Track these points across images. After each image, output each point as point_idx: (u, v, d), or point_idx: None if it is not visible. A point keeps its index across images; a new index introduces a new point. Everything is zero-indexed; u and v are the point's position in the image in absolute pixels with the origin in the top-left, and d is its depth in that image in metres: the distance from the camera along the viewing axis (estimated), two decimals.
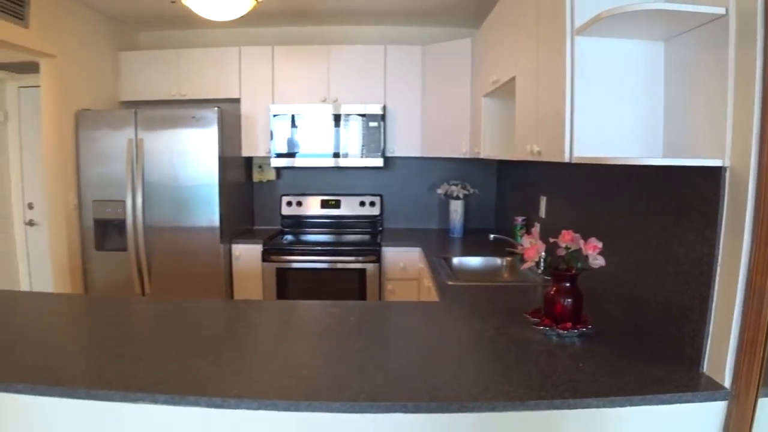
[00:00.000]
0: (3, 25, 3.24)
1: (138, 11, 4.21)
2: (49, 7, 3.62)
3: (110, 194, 3.95)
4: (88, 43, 4.09)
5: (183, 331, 1.99)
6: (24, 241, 4.76)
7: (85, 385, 1.47)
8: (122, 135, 3.88)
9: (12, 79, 4.61)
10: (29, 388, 1.46)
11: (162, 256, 3.94)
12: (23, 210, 4.73)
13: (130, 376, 1.51)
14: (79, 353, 1.81)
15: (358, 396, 1.40)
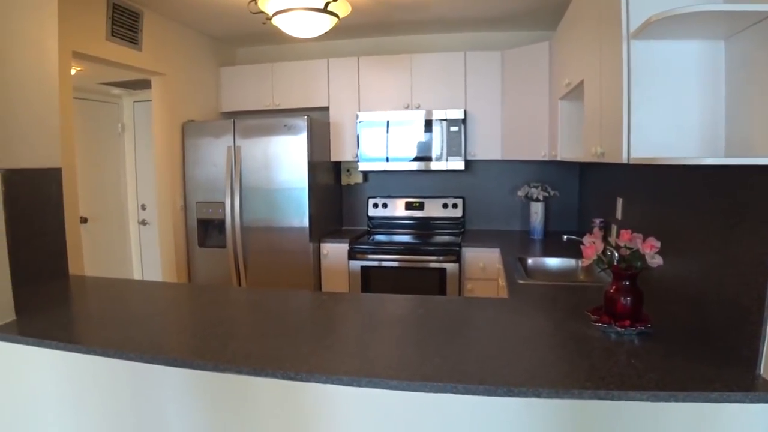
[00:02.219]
0: (122, 51, 3.76)
1: (236, 30, 4.67)
2: (159, 32, 4.14)
3: (212, 196, 4.40)
4: (192, 61, 4.61)
5: (270, 316, 2.28)
6: (137, 238, 5.36)
7: (183, 355, 1.77)
8: (222, 143, 4.33)
9: (128, 95, 5.22)
10: (138, 356, 1.78)
11: (257, 253, 4.34)
12: (137, 210, 5.33)
13: (220, 351, 1.80)
14: (180, 331, 2.16)
15: (414, 376, 1.54)
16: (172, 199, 4.41)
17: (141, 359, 1.78)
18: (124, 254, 5.33)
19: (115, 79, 4.71)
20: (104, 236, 5.06)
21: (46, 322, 2.15)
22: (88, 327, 2.19)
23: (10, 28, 2.51)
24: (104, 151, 5.15)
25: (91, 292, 2.75)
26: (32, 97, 2.66)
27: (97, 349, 1.85)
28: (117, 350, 1.82)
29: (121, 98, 5.27)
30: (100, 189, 5.03)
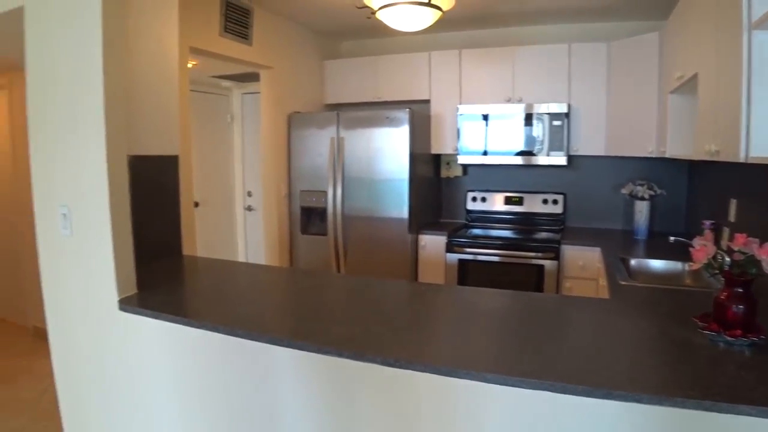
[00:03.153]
0: (234, 46, 3.99)
1: (340, 24, 4.82)
2: (268, 27, 4.35)
3: (315, 185, 4.59)
4: (298, 55, 4.80)
5: (370, 303, 2.37)
6: (243, 223, 5.65)
7: (288, 336, 1.89)
8: (326, 134, 4.49)
9: (237, 87, 5.50)
10: (246, 333, 1.92)
11: (357, 242, 4.49)
12: (243, 197, 5.61)
13: (323, 333, 1.90)
14: (284, 312, 2.31)
15: (512, 371, 1.55)
16: (277, 187, 4.63)
17: (249, 336, 1.92)
18: (230, 238, 5.64)
19: (225, 73, 4.98)
20: (213, 220, 5.37)
21: (163, 296, 2.37)
22: (200, 304, 2.40)
23: (137, 26, 2.75)
24: (215, 140, 5.45)
25: (202, 272, 2.96)
26: (155, 90, 2.90)
27: (208, 325, 2.02)
28: (227, 327, 1.97)
29: (231, 90, 5.56)
30: (210, 176, 5.33)
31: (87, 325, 2.50)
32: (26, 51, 2.52)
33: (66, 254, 2.50)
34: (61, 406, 2.74)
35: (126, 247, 2.33)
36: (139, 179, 2.70)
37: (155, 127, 2.92)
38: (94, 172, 2.27)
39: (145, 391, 2.38)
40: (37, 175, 2.57)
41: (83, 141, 2.30)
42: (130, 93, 2.55)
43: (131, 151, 2.48)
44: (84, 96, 2.27)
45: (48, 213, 2.54)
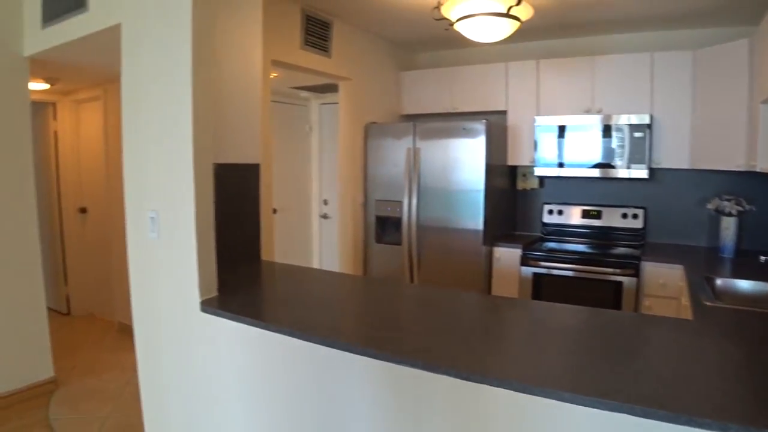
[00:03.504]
0: (314, 58, 4.13)
1: (417, 36, 4.88)
2: (346, 40, 4.47)
3: (390, 195, 4.66)
4: (376, 66, 4.91)
5: (443, 314, 2.37)
6: (318, 230, 5.79)
7: (362, 344, 1.93)
8: (403, 144, 4.56)
9: (315, 98, 5.65)
10: (320, 339, 1.98)
11: (430, 252, 4.53)
12: (319, 205, 5.75)
13: (396, 343, 1.93)
14: (359, 320, 2.37)
15: (589, 390, 1.51)
16: (353, 196, 4.72)
17: (323, 342, 1.98)
18: (306, 245, 5.79)
19: (304, 84, 5.13)
20: (290, 227, 5.53)
21: (242, 299, 2.49)
22: (276, 308, 2.49)
23: (224, 41, 2.90)
24: (293, 149, 5.61)
25: (279, 277, 3.07)
26: (240, 101, 3.06)
27: (284, 329, 2.09)
28: (302, 332, 2.04)
29: (310, 101, 5.72)
30: (288, 184, 5.49)
31: (170, 324, 2.65)
32: (122, 64, 2.71)
33: (153, 256, 2.67)
34: (142, 398, 2.91)
35: (209, 251, 2.46)
36: (223, 186, 2.84)
37: (239, 136, 3.07)
38: (181, 179, 2.41)
39: (221, 387, 2.48)
40: (129, 181, 2.77)
41: (172, 149, 2.45)
42: (216, 104, 2.69)
43: (216, 160, 2.60)
44: (173, 106, 2.42)
45: (138, 217, 2.72)
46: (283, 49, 3.84)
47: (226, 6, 2.89)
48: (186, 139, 2.36)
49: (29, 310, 3.79)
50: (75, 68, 4.25)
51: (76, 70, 4.32)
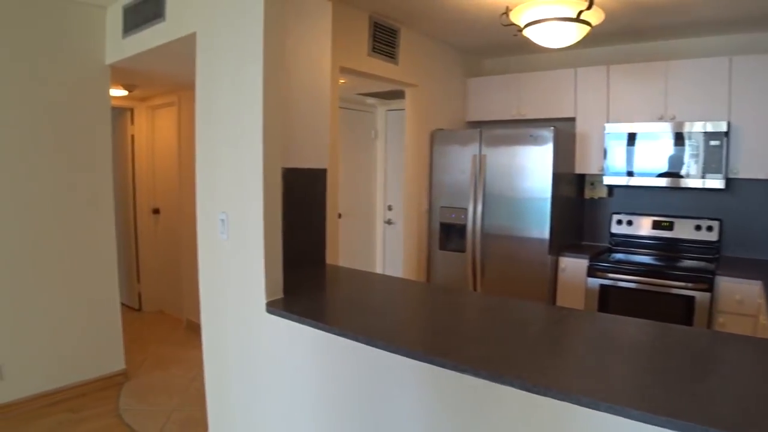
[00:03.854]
0: (381, 65, 4.18)
1: (484, 42, 4.86)
2: (413, 47, 4.49)
3: (455, 202, 4.65)
4: (442, 73, 4.91)
5: (506, 323, 2.35)
6: (382, 236, 5.83)
7: (423, 350, 1.92)
8: (468, 151, 4.54)
9: (381, 104, 5.71)
10: (384, 345, 1.98)
11: (495, 260, 4.49)
12: (384, 211, 5.79)
13: (459, 351, 1.92)
14: (421, 327, 2.36)
15: (660, 409, 1.44)
16: (418, 202, 4.74)
17: (386, 348, 1.98)
18: (370, 250, 5.84)
19: (371, 90, 5.18)
20: (354, 232, 5.60)
21: (306, 302, 2.53)
22: (339, 311, 2.52)
23: (294, 49, 2.98)
24: (359, 155, 5.69)
25: (343, 281, 3.11)
26: (308, 107, 3.13)
27: (348, 333, 2.11)
28: (366, 336, 2.05)
29: (376, 107, 5.78)
30: (353, 189, 5.57)
31: (236, 323, 2.74)
32: (196, 72, 2.84)
33: (222, 257, 2.76)
34: (207, 393, 3.02)
35: (276, 253, 2.53)
36: (291, 190, 2.96)
37: (308, 142, 3.15)
38: (251, 182, 2.49)
39: (283, 387, 2.53)
40: (200, 183, 2.88)
41: (243, 154, 2.53)
42: (285, 110, 2.77)
43: (285, 164, 2.69)
44: (245, 112, 2.51)
45: (208, 219, 2.83)
46: (351, 56, 3.89)
47: (296, 14, 2.97)
48: (256, 144, 2.44)
49: (105, 306, 4.02)
50: (151, 76, 4.46)
51: (153, 77, 4.53)
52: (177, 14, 3.09)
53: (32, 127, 3.55)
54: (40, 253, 3.65)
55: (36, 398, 3.63)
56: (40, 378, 3.67)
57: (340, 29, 3.65)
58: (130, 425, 3.44)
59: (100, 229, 3.96)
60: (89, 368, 3.93)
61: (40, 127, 3.59)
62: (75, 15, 3.71)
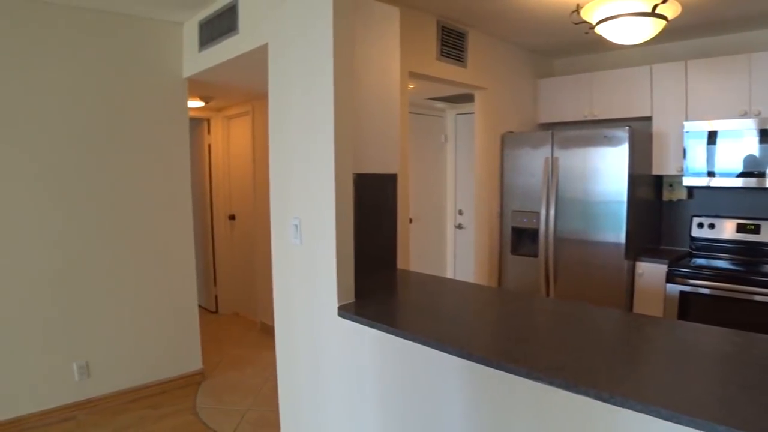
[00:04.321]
0: (450, 68, 4.17)
1: (554, 42, 4.78)
2: (482, 49, 4.46)
3: (527, 206, 4.59)
4: (512, 75, 4.86)
5: (580, 330, 2.27)
6: (453, 241, 5.81)
7: (498, 357, 1.88)
8: (540, 153, 4.47)
9: (451, 108, 5.69)
10: (455, 351, 1.97)
11: (568, 265, 4.40)
12: (454, 215, 5.77)
13: (533, 358, 1.87)
14: (492, 332, 2.31)
15: (747, 425, 1.38)
16: (489, 206, 4.70)
17: (457, 354, 1.96)
18: (440, 254, 5.83)
19: (440, 95, 5.18)
20: (425, 236, 5.60)
21: (376, 306, 2.55)
22: (409, 316, 2.50)
23: (364, 54, 3.01)
24: (429, 159, 5.69)
25: (413, 285, 3.10)
26: (378, 112, 3.15)
27: (418, 338, 2.11)
28: (436, 342, 2.04)
29: (445, 111, 5.77)
30: (424, 193, 5.58)
31: (307, 326, 2.80)
32: (269, 82, 2.94)
33: (295, 262, 2.84)
34: (280, 394, 3.10)
35: (347, 258, 2.57)
36: (363, 196, 3.01)
37: (378, 147, 3.18)
38: (323, 188, 2.55)
39: (351, 391, 2.56)
40: (274, 189, 2.97)
41: (315, 160, 2.59)
42: (356, 117, 2.80)
43: (356, 170, 2.73)
44: (316, 119, 2.57)
45: (282, 224, 2.91)
46: (420, 61, 3.91)
47: (365, 22, 3.01)
48: (328, 150, 2.49)
49: (184, 309, 4.22)
50: (227, 87, 4.62)
51: (228, 88, 4.69)
52: (250, 27, 3.20)
53: (116, 138, 3.79)
54: (126, 259, 3.89)
55: (119, 394, 3.88)
56: (124, 376, 3.92)
57: (409, 34, 3.69)
58: (206, 423, 3.58)
59: (180, 234, 4.16)
60: (169, 368, 4.15)
61: (123, 137, 3.82)
62: (154, 31, 3.92)
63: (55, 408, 3.60)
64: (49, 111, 3.50)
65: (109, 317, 3.82)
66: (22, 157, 3.42)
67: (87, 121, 3.65)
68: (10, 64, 3.34)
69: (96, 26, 3.64)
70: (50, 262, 3.56)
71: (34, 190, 3.48)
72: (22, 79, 3.38)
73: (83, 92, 3.62)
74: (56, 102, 3.52)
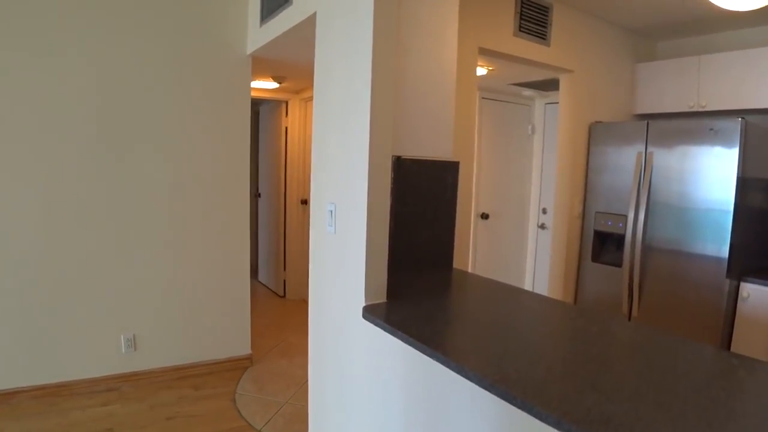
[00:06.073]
0: (529, 46, 3.57)
1: (657, 20, 4.01)
2: (568, 26, 3.80)
3: (613, 207, 3.88)
4: (604, 57, 4.13)
5: (652, 369, 1.66)
6: (534, 242, 5.17)
7: (526, 394, 1.38)
8: (632, 148, 3.76)
9: (540, 97, 5.04)
10: (477, 378, 1.48)
11: (656, 280, 3.65)
12: (538, 214, 5.13)
13: (574, 401, 1.35)
14: (543, 362, 1.66)
15: None
16: (570, 206, 4.05)
17: (480, 383, 1.47)
18: (519, 256, 5.21)
19: (524, 80, 4.55)
20: (502, 235, 5.02)
21: (410, 310, 2.11)
22: (444, 327, 1.97)
23: (415, 28, 2.55)
24: (512, 151, 5.08)
25: (465, 289, 2.58)
26: (431, 90, 2.66)
27: (439, 356, 1.64)
28: (459, 365, 1.56)
29: (533, 100, 5.12)
30: (504, 188, 4.99)
31: (336, 325, 2.50)
32: (315, 55, 2.60)
33: (329, 252, 2.51)
34: (309, 390, 2.85)
35: (379, 252, 2.19)
36: (411, 183, 2.66)
37: (425, 129, 2.71)
38: (356, 170, 2.19)
39: (374, 399, 2.24)
40: (314, 171, 2.65)
41: (350, 138, 2.24)
42: (402, 95, 2.41)
43: (401, 153, 2.39)
44: (353, 94, 2.21)
45: (319, 210, 2.60)
46: (494, 37, 3.38)
47: None
48: (362, 128, 2.13)
49: (235, 294, 4.05)
50: (294, 65, 4.32)
51: (295, 67, 4.38)
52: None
53: (176, 112, 3.65)
54: (180, 239, 3.77)
55: (165, 371, 3.80)
56: (170, 353, 3.82)
57: (481, 7, 3.24)
58: (240, 411, 3.38)
59: (236, 220, 3.98)
60: (217, 350, 3.99)
61: (183, 112, 3.68)
62: (218, 6, 3.73)
63: (100, 377, 3.57)
64: (110, 83, 3.42)
65: (158, 295, 3.73)
66: (79, 127, 3.36)
67: (146, 96, 3.54)
68: (78, 35, 3.30)
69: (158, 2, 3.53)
70: (106, 235, 3.51)
71: (94, 160, 3.43)
72: (84, 51, 3.32)
73: (146, 65, 3.52)
74: (119, 74, 3.44)
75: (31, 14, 3.16)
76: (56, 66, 3.25)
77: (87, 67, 3.33)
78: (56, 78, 3.26)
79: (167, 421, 3.20)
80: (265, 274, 6.35)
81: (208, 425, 3.18)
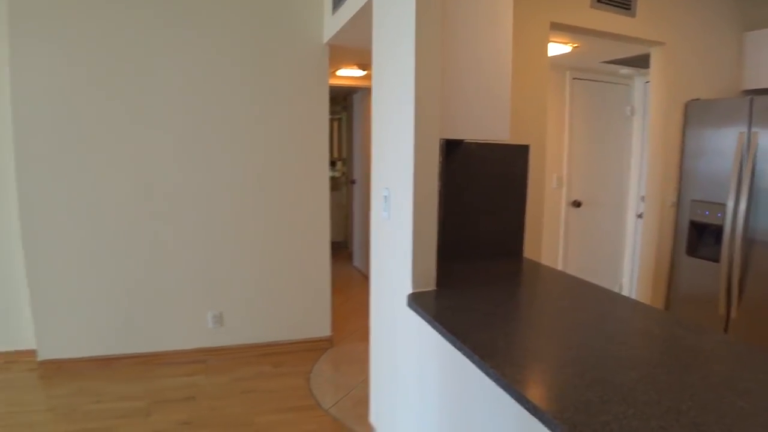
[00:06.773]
0: (610, 18, 3.22)
1: None
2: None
3: (711, 195, 3.44)
4: (702, 26, 3.62)
5: (724, 392, 1.24)
6: (633, 233, 4.74)
7: (558, 413, 1.13)
8: (733, 128, 3.30)
9: (639, 75, 4.59)
10: (505, 386, 1.31)
11: (759, 278, 3.18)
12: (637, 202, 4.69)
13: (607, 420, 1.09)
14: (586, 371, 1.36)
15: None
16: (663, 193, 3.64)
17: (509, 392, 1.29)
18: (615, 246, 4.79)
19: (617, 57, 4.13)
20: (596, 224, 4.64)
21: (456, 300, 2.02)
22: (489, 323, 1.73)
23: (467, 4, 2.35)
24: (610, 134, 4.67)
25: (533, 283, 2.39)
26: (486, 68, 2.39)
27: (474, 357, 1.48)
28: (492, 369, 1.37)
29: (632, 79, 4.66)
30: (600, 174, 4.60)
31: (388, 312, 2.49)
32: (372, 40, 2.57)
33: (384, 238, 2.50)
34: (371, 377, 2.86)
35: (427, 237, 2.13)
36: (469, 167, 2.58)
37: (479, 109, 2.50)
38: (405, 154, 2.14)
39: (415, 391, 2.21)
40: (374, 158, 2.62)
41: (400, 120, 2.19)
42: (450, 74, 2.26)
43: (454, 135, 2.25)
44: (400, 74, 2.16)
45: (377, 195, 2.58)
46: (568, 9, 3.09)
47: None
48: (408, 108, 2.07)
49: (316, 279, 4.13)
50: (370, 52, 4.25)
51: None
52: None
53: (263, 107, 3.78)
54: (264, 226, 3.91)
55: (249, 347, 3.99)
56: (255, 330, 4.00)
57: None
58: (312, 390, 3.45)
59: (316, 205, 4.03)
60: (298, 330, 4.11)
61: (269, 106, 3.79)
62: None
63: (189, 350, 3.84)
64: (192, 74, 3.61)
65: (245, 276, 3.90)
66: (169, 118, 3.60)
67: (232, 91, 3.70)
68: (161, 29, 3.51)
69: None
70: (199, 220, 3.73)
71: (187, 153, 3.67)
72: (165, 43, 3.53)
73: (231, 63, 3.67)
74: (201, 63, 3.61)
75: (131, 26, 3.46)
76: (154, 68, 3.51)
77: (177, 70, 3.56)
78: (154, 80, 3.52)
79: (242, 394, 3.35)
80: (359, 260, 6.39)
81: (279, 401, 3.28)
